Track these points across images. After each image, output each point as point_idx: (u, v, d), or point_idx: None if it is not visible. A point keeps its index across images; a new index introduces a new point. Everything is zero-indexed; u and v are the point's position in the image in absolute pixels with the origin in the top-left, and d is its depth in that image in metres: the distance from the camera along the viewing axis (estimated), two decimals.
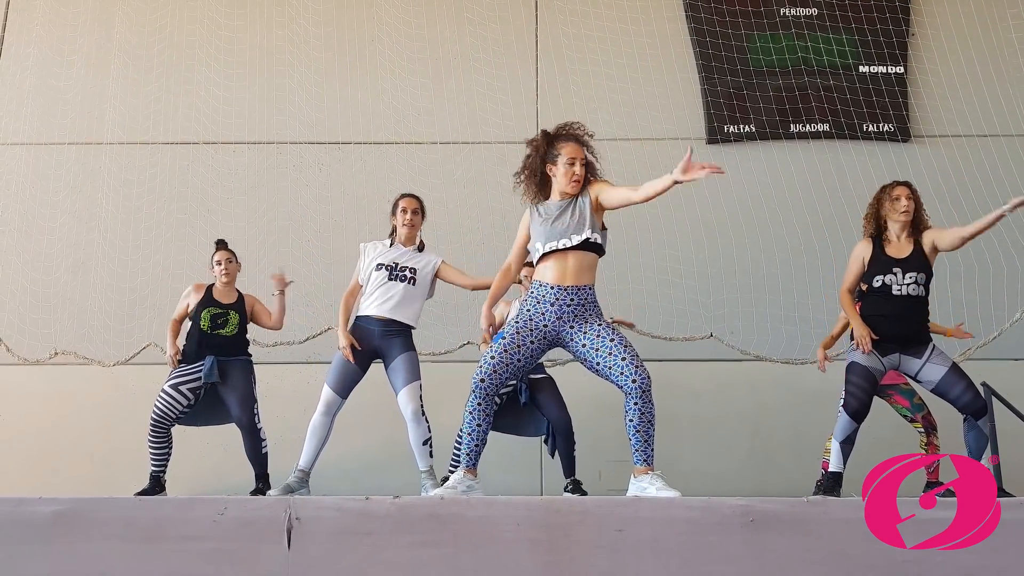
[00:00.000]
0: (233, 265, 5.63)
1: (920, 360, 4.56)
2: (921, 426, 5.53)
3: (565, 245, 3.97)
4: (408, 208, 5.20)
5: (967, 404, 4.50)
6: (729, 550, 3.19)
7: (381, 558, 3.22)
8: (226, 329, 5.43)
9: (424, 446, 4.97)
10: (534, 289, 4.03)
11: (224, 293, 5.56)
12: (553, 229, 4.01)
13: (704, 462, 6.78)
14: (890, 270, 4.59)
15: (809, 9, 7.81)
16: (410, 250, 5.19)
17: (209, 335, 5.40)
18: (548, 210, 4.09)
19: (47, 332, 7.25)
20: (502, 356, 3.95)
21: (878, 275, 4.61)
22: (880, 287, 4.60)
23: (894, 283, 4.58)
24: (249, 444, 5.34)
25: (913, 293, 4.58)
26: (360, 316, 5.12)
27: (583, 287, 3.98)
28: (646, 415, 3.87)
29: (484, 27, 7.78)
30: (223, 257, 5.60)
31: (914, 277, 4.58)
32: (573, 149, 4.11)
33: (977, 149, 7.40)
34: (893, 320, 4.56)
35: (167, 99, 7.77)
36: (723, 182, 7.44)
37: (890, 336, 4.57)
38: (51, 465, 6.96)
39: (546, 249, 4.00)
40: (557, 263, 3.98)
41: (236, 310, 5.50)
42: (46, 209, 7.61)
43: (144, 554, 3.25)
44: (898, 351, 4.59)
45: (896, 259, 4.61)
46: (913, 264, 4.60)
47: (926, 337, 4.63)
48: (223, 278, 5.57)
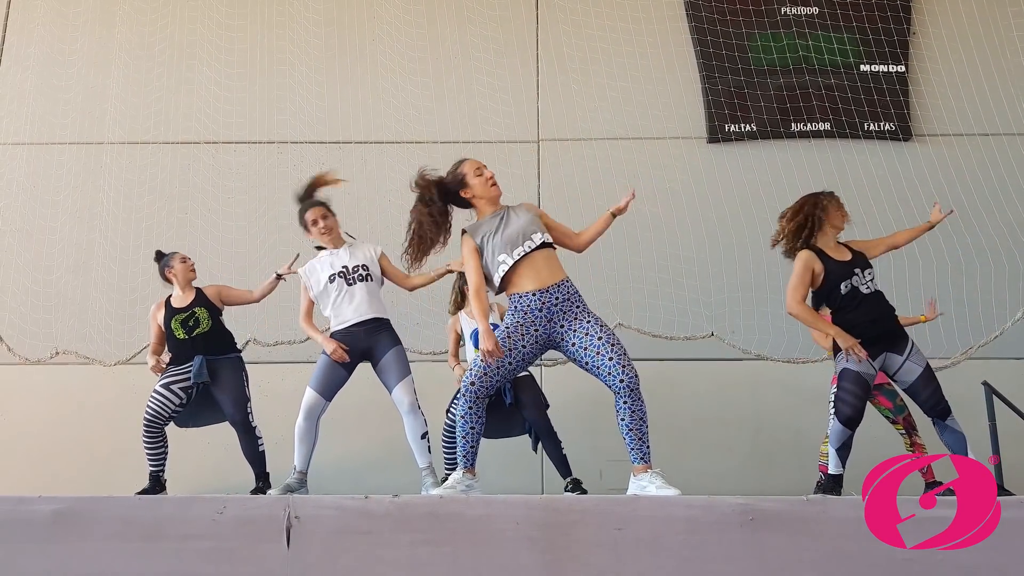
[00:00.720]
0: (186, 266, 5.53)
1: (901, 357, 4.52)
2: (902, 427, 5.52)
3: (530, 248, 4.05)
4: (318, 218, 5.15)
5: (933, 406, 4.46)
6: (728, 549, 3.19)
7: (380, 557, 3.22)
8: (201, 327, 5.37)
9: (422, 440, 4.95)
10: (514, 302, 4.06)
11: (181, 298, 5.48)
12: (509, 237, 4.08)
13: (705, 461, 6.76)
14: (852, 272, 4.54)
15: (810, 8, 7.80)
16: (343, 249, 5.17)
17: (190, 340, 5.36)
18: (488, 225, 4.18)
19: (48, 332, 7.26)
20: (492, 361, 3.96)
21: (843, 280, 4.53)
22: (849, 291, 4.52)
23: (860, 283, 4.53)
24: (244, 443, 5.33)
25: (876, 288, 4.58)
26: (336, 331, 5.07)
27: (562, 283, 4.05)
28: (637, 413, 3.89)
29: (484, 26, 7.78)
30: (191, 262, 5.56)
31: (871, 274, 4.58)
32: (471, 163, 4.30)
33: (978, 147, 7.38)
34: (875, 321, 4.53)
35: (168, 99, 7.77)
36: (724, 181, 7.47)
37: (877, 337, 4.53)
38: (52, 464, 6.96)
39: (515, 257, 4.04)
40: (529, 268, 4.04)
41: (199, 305, 5.42)
42: (47, 209, 7.61)
43: (144, 553, 3.25)
44: (884, 350, 4.55)
45: (847, 261, 4.57)
46: (861, 261, 4.60)
47: (903, 331, 4.62)
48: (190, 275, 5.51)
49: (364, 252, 5.16)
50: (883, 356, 4.55)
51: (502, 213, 4.20)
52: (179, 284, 5.50)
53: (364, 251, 5.17)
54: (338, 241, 5.20)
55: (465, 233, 4.24)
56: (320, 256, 5.20)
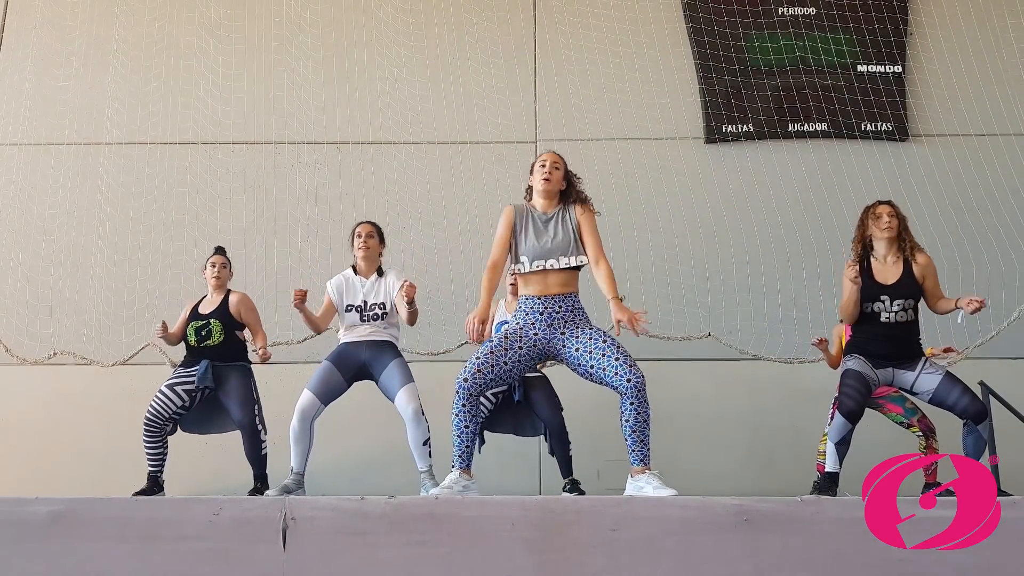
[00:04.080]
0: (226, 271, 5.58)
1: (914, 373, 4.53)
2: (919, 430, 5.48)
3: (553, 267, 4.04)
4: (363, 233, 5.18)
5: (965, 408, 4.44)
6: (723, 549, 3.20)
7: (376, 558, 3.23)
8: (211, 339, 5.35)
9: (424, 446, 4.95)
10: (522, 304, 4.09)
11: (209, 302, 5.49)
12: (541, 246, 4.06)
13: (702, 462, 6.77)
14: (877, 298, 4.53)
15: (807, 8, 7.81)
16: (371, 280, 5.16)
17: (199, 348, 5.37)
18: (535, 218, 4.14)
19: (46, 332, 7.25)
20: (487, 358, 3.99)
21: (866, 302, 4.54)
22: (869, 313, 4.55)
23: (882, 311, 4.53)
24: (248, 445, 5.33)
25: (901, 320, 4.55)
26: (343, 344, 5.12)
27: (568, 295, 4.05)
28: (642, 415, 3.89)
29: (482, 27, 7.79)
30: (217, 261, 5.56)
31: (902, 304, 4.53)
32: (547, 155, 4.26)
33: (975, 148, 7.40)
34: (884, 341, 4.54)
35: (166, 99, 7.76)
36: (721, 182, 7.48)
37: (882, 355, 4.55)
38: (50, 465, 6.97)
39: (533, 268, 4.05)
40: (541, 279, 4.05)
41: (217, 317, 5.39)
42: (45, 209, 7.61)
43: (140, 554, 3.26)
44: (891, 366, 4.56)
45: (883, 285, 4.55)
46: (902, 290, 4.54)
47: (918, 352, 4.61)
48: (212, 281, 5.52)
49: (386, 287, 5.14)
50: (891, 372, 4.57)
51: (555, 214, 4.15)
52: (209, 288, 5.53)
53: (387, 283, 5.15)
54: (370, 269, 5.19)
55: (511, 207, 4.21)
56: (349, 277, 5.20)
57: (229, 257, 5.68)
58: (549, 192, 4.18)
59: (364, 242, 5.15)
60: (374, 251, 5.21)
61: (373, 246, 5.19)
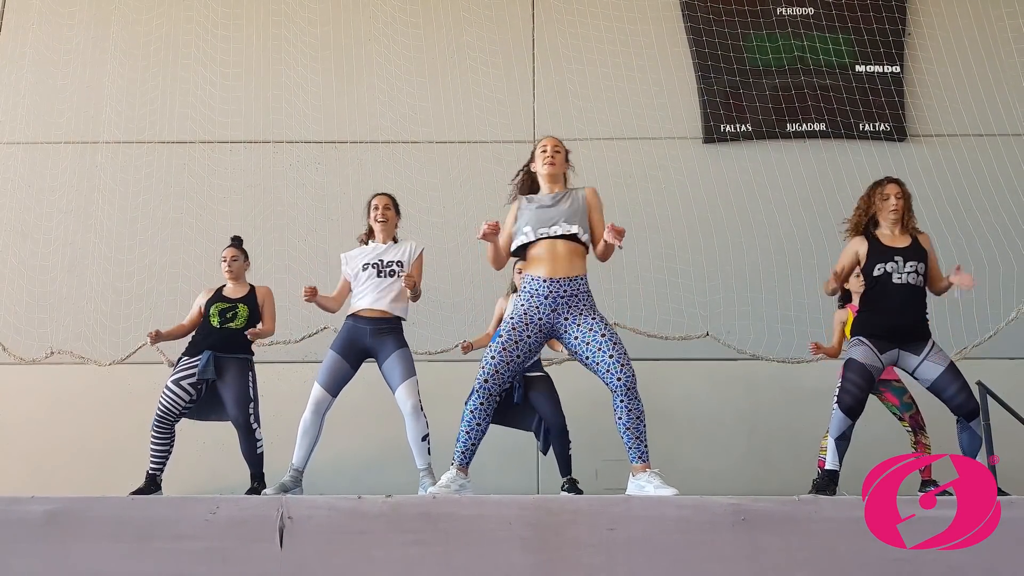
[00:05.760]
0: (238, 263, 5.65)
1: (919, 357, 4.51)
2: (908, 425, 5.53)
3: (556, 233, 4.06)
4: (380, 204, 5.32)
5: (960, 405, 4.46)
6: (720, 548, 3.20)
7: (373, 557, 3.22)
8: (236, 322, 5.46)
9: (423, 442, 4.97)
10: (526, 284, 4.09)
11: (233, 289, 5.62)
12: (543, 216, 4.10)
13: (700, 461, 6.77)
14: (891, 257, 4.55)
15: (806, 8, 7.82)
16: (389, 245, 5.28)
17: (218, 329, 5.43)
18: (540, 199, 4.21)
19: (43, 331, 7.25)
20: (502, 355, 4.00)
21: (879, 263, 4.56)
22: (880, 275, 4.54)
23: (895, 271, 4.53)
24: (244, 443, 5.35)
25: (912, 282, 4.54)
26: (351, 315, 5.15)
27: (575, 278, 4.05)
28: (634, 412, 3.90)
29: (481, 26, 7.79)
30: (228, 254, 5.65)
31: (914, 266, 4.55)
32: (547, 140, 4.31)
33: (973, 148, 7.40)
34: (893, 312, 4.51)
35: (163, 98, 7.76)
36: (719, 181, 7.48)
37: (889, 329, 4.52)
38: (47, 464, 6.96)
39: (537, 235, 4.07)
40: (547, 252, 4.06)
41: (246, 303, 5.54)
42: (42, 208, 7.61)
43: (136, 553, 3.25)
44: (897, 347, 4.54)
45: (896, 248, 4.59)
46: (913, 253, 4.58)
47: (925, 332, 4.58)
48: (226, 274, 5.61)
49: (403, 248, 5.27)
50: (896, 352, 4.54)
51: (561, 194, 4.21)
52: (227, 278, 5.63)
53: (403, 247, 5.28)
54: (387, 236, 5.31)
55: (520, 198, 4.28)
56: (363, 247, 5.34)
57: (245, 249, 5.73)
58: (554, 175, 4.24)
59: (382, 212, 5.29)
60: (391, 222, 5.34)
61: (391, 217, 5.33)
